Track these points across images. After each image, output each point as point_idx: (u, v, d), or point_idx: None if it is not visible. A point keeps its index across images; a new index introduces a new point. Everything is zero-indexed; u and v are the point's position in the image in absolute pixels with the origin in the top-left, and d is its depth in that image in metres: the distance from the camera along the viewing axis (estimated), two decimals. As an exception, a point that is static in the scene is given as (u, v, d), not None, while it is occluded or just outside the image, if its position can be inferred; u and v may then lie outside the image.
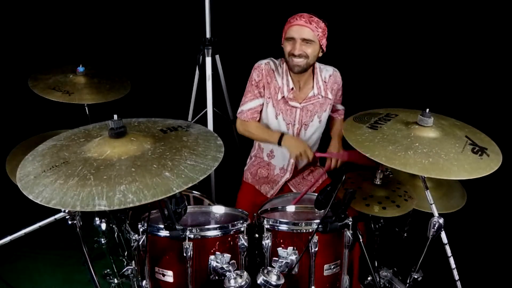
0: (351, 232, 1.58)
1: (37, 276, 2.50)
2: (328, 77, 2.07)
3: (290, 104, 2.02)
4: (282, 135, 2.00)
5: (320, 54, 1.95)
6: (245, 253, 1.58)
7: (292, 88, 2.00)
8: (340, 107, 2.26)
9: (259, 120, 2.13)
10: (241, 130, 2.12)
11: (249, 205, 2.06)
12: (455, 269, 1.64)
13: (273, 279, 1.37)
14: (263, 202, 1.98)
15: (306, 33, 1.85)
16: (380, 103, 1.89)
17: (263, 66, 2.01)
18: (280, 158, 2.16)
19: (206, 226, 1.54)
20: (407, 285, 1.77)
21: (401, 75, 3.23)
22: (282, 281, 1.38)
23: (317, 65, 2.05)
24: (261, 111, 2.09)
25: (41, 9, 3.36)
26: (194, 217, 1.66)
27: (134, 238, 1.55)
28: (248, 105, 2.06)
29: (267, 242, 1.58)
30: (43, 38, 3.41)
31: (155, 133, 1.45)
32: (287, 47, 1.90)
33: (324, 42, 1.91)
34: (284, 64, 2.02)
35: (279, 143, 1.99)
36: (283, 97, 2.01)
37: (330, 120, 2.27)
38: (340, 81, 2.12)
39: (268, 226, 1.59)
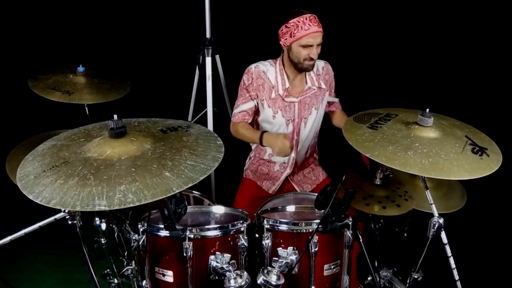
0: (351, 232, 1.58)
1: (37, 276, 2.50)
2: (321, 69, 2.11)
3: (287, 100, 2.04)
4: (261, 135, 1.95)
5: None
6: (245, 253, 1.58)
7: (287, 88, 2.01)
8: (335, 99, 2.27)
9: (258, 125, 2.14)
10: (233, 132, 2.15)
11: (249, 201, 2.07)
12: (455, 269, 1.64)
13: (273, 279, 1.37)
14: (263, 198, 1.98)
15: (320, 38, 1.88)
16: (380, 103, 1.89)
17: (252, 70, 2.02)
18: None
19: (206, 226, 1.54)
20: (407, 285, 1.77)
21: (401, 75, 3.23)
22: (282, 281, 1.38)
23: None
24: (256, 113, 2.11)
25: (41, 9, 3.36)
26: (194, 217, 1.66)
27: (134, 238, 1.55)
28: (240, 107, 2.08)
29: (267, 242, 1.58)
30: (43, 38, 3.41)
31: (155, 133, 1.45)
32: (303, 52, 1.89)
33: None
34: (278, 64, 2.03)
35: (261, 143, 1.96)
36: (279, 95, 2.02)
37: (331, 115, 2.29)
38: (332, 72, 2.16)
39: (268, 226, 1.59)
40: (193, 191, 1.95)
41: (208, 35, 2.54)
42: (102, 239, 2.22)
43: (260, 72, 2.02)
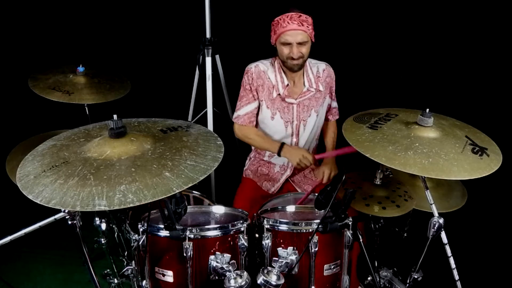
0: (351, 232, 1.58)
1: (37, 276, 2.50)
2: (322, 71, 2.09)
3: (287, 101, 2.03)
4: (281, 146, 2.01)
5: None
6: (245, 253, 1.58)
7: (287, 85, 2.01)
8: (334, 104, 2.25)
9: (256, 124, 2.13)
10: (240, 135, 2.14)
11: (248, 201, 2.07)
12: (455, 269, 1.64)
13: (273, 279, 1.37)
14: (263, 198, 1.98)
15: (300, 36, 1.86)
16: (380, 103, 1.89)
17: (252, 69, 2.02)
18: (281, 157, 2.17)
19: (206, 226, 1.54)
20: (407, 285, 1.77)
21: (401, 75, 3.23)
22: (282, 281, 1.38)
23: (308, 60, 2.05)
24: (257, 115, 2.10)
25: (41, 9, 3.36)
26: (194, 217, 1.66)
27: (134, 238, 1.55)
28: (244, 109, 2.07)
29: (267, 242, 1.58)
30: (43, 38, 3.41)
31: (155, 133, 1.45)
32: (284, 50, 1.90)
33: (313, 34, 1.93)
34: (277, 62, 2.03)
35: (279, 154, 2.02)
36: (279, 94, 2.01)
37: (324, 123, 2.26)
38: (333, 75, 2.14)
39: (268, 226, 1.59)
40: (193, 191, 1.95)
41: (208, 35, 2.54)
42: (102, 239, 2.22)
43: (260, 72, 2.02)
